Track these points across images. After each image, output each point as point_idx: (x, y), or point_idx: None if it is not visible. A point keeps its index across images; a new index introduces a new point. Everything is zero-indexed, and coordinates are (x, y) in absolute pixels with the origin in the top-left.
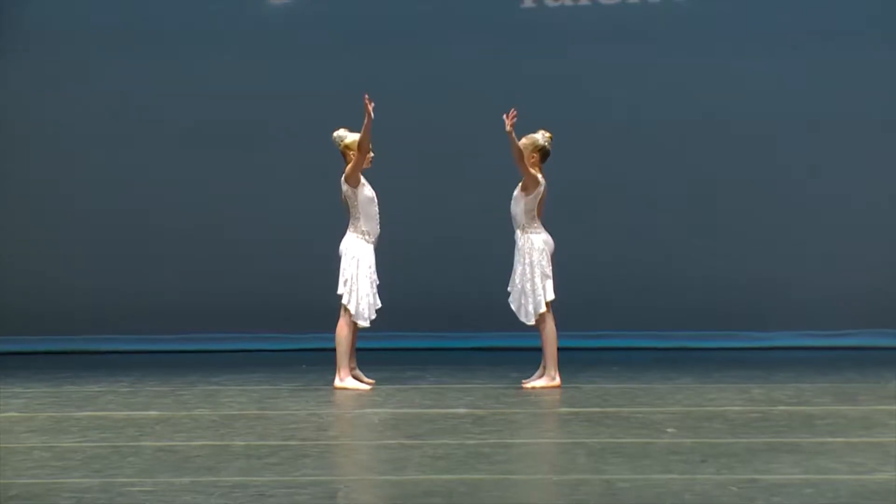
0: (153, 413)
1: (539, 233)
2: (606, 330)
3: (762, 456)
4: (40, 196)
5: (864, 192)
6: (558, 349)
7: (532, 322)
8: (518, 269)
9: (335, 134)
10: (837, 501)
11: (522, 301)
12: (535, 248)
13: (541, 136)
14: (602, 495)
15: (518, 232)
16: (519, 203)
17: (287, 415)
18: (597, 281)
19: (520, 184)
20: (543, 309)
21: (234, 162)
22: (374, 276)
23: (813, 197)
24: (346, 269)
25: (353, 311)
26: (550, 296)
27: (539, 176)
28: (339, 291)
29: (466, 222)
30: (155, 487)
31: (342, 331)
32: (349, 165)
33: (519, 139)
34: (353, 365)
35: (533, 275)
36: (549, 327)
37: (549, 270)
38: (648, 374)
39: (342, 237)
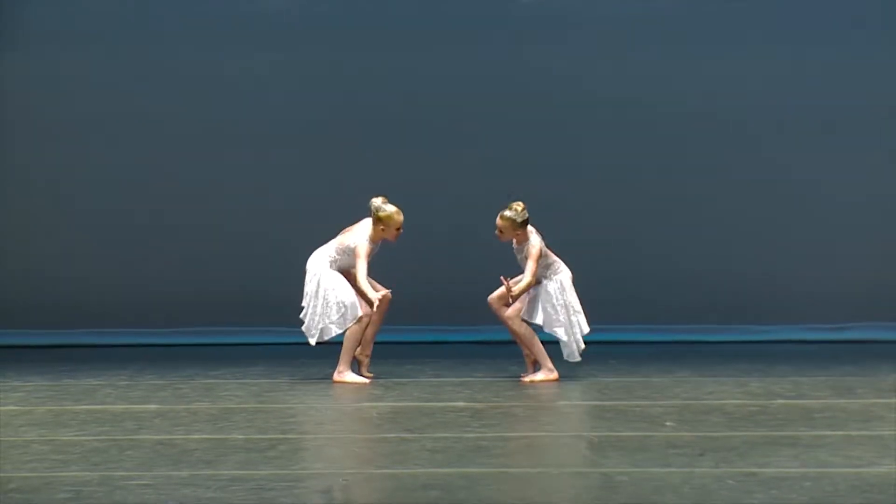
0: (152, 406)
1: (560, 272)
2: (605, 323)
3: (760, 449)
4: (39, 191)
5: (862, 185)
6: (551, 342)
7: (578, 359)
8: (548, 310)
9: (373, 201)
10: (836, 495)
11: (565, 341)
12: (564, 289)
13: (514, 214)
14: (600, 489)
15: (543, 280)
16: (530, 266)
17: (286, 408)
18: (595, 275)
19: (524, 256)
20: (584, 345)
21: (233, 157)
22: (346, 296)
23: (812, 191)
24: (310, 283)
25: (304, 329)
26: (586, 329)
27: (537, 244)
28: (303, 303)
29: (466, 216)
30: (153, 481)
31: (352, 328)
32: (359, 255)
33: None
34: (368, 353)
35: (568, 315)
36: (524, 329)
37: (577, 306)
38: (647, 367)
39: (338, 233)
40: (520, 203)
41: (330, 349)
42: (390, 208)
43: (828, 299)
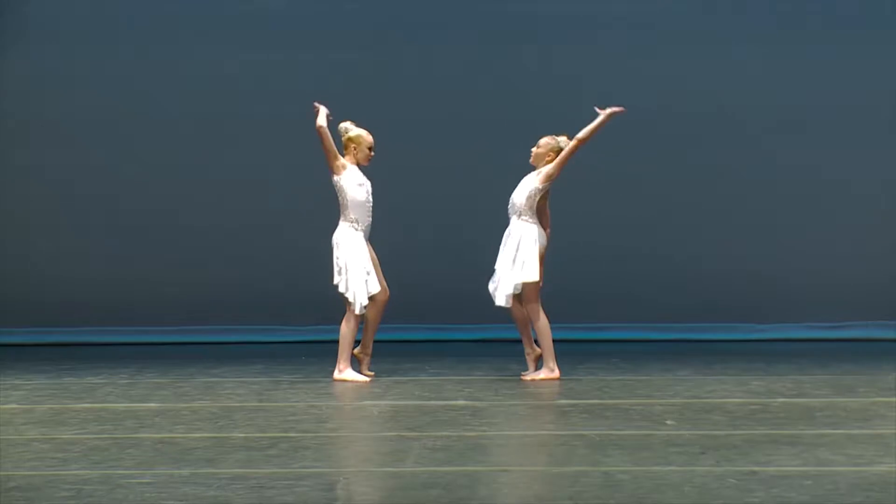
0: (152, 405)
1: (533, 224)
2: (606, 322)
3: (761, 448)
4: (39, 191)
5: (862, 184)
6: (554, 340)
7: (506, 304)
8: (504, 252)
9: (340, 125)
10: (836, 493)
11: (500, 283)
12: (526, 234)
13: (563, 141)
14: (601, 487)
15: (514, 218)
16: (524, 191)
17: (286, 407)
18: (596, 273)
19: (536, 173)
20: (517, 291)
21: (234, 156)
22: (369, 265)
23: (812, 190)
24: (340, 258)
25: (350, 300)
26: (534, 277)
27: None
28: (335, 281)
29: (467, 214)
30: (154, 479)
31: (346, 324)
32: (333, 163)
33: (542, 138)
34: (369, 351)
35: (516, 258)
36: (543, 321)
37: (534, 256)
38: (648, 365)
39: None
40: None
41: (330, 347)
42: (359, 129)
43: (828, 298)
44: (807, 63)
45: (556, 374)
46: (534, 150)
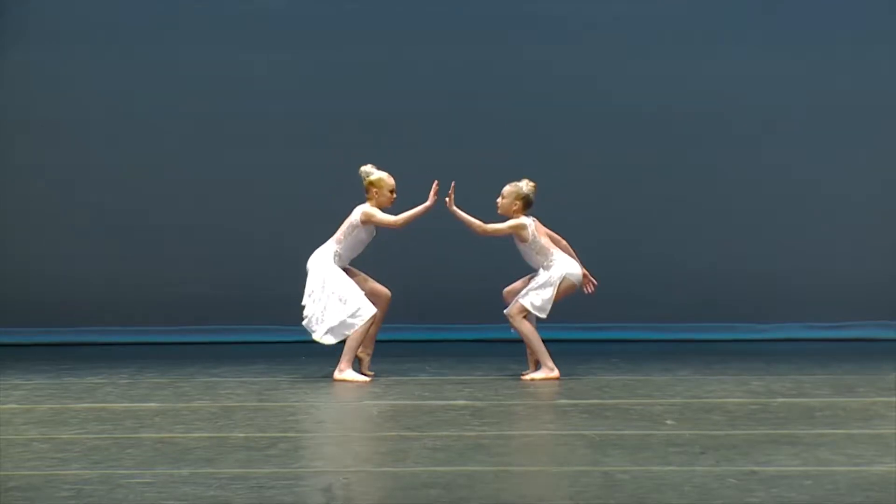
0: (152, 405)
1: (554, 265)
2: (605, 322)
3: (761, 448)
4: (40, 191)
5: (863, 184)
6: (554, 340)
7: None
8: (528, 284)
9: (362, 169)
10: (836, 493)
11: (519, 297)
12: (556, 271)
13: (524, 185)
14: (601, 487)
15: (541, 270)
16: (524, 250)
17: (286, 406)
18: (596, 273)
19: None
20: (523, 313)
21: (233, 157)
22: (353, 295)
23: (811, 190)
24: (311, 283)
25: (310, 327)
26: (542, 314)
27: (522, 220)
28: (304, 302)
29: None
30: (154, 479)
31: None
32: (375, 217)
33: (504, 185)
34: (370, 351)
35: (538, 282)
36: (526, 327)
37: (552, 286)
38: (647, 365)
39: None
40: (533, 182)
41: (330, 347)
42: (380, 172)
43: (828, 298)
44: (806, 63)
45: (556, 373)
46: (499, 200)
